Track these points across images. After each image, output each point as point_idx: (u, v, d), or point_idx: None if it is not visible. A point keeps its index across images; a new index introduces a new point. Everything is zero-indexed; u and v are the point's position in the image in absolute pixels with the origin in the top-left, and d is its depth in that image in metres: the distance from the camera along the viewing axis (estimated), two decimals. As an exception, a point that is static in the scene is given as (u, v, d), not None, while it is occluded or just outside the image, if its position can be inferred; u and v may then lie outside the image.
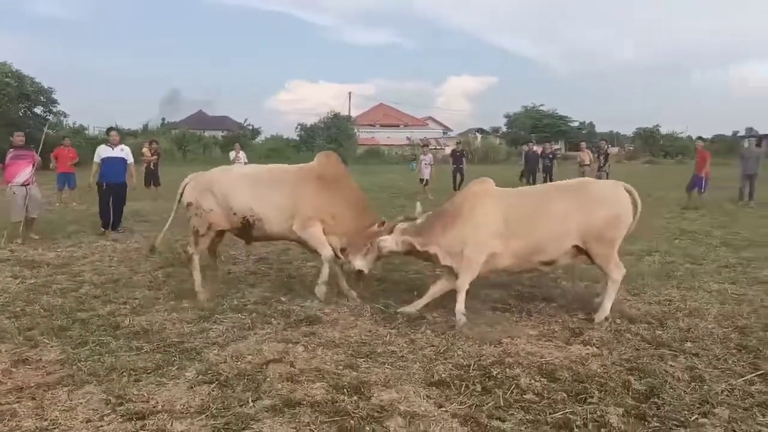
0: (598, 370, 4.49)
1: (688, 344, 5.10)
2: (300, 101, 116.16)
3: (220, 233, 7.04)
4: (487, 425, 3.69)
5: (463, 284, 5.83)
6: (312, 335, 5.34)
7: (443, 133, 73.49)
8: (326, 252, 6.47)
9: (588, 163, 19.64)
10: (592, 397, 4.02)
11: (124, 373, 4.44)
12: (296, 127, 57.70)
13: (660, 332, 5.42)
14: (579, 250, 5.85)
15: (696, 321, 5.68)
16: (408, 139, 62.36)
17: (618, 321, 5.73)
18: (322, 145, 52.18)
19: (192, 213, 6.85)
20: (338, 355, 4.87)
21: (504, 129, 71.74)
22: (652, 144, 62.12)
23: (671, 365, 4.60)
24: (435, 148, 55.16)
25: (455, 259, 5.90)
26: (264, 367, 4.60)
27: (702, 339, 5.22)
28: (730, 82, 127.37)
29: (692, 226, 12.47)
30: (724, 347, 5.01)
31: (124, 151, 11.80)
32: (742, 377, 4.35)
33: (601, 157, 18.79)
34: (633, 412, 3.81)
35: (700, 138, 27.44)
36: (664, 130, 65.08)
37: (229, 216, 6.71)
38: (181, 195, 6.95)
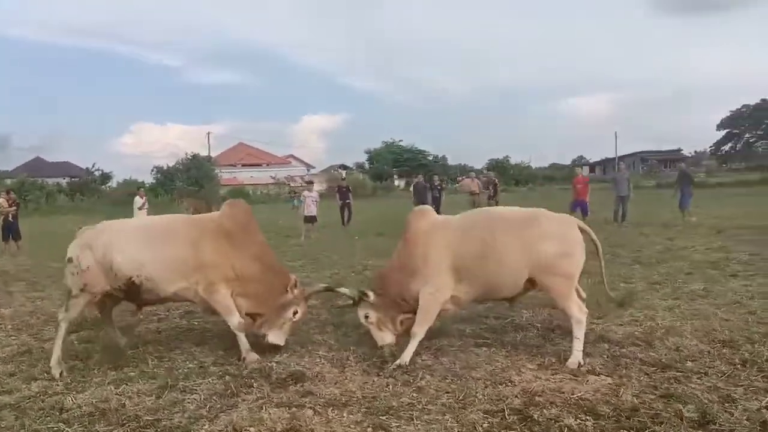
0: (635, 400, 4.32)
1: (689, 363, 5.10)
2: (147, 144, 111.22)
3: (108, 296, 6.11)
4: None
5: (420, 331, 5.58)
6: (310, 395, 4.75)
7: (307, 170, 73.27)
8: (234, 320, 5.77)
9: (477, 192, 20.21)
10: (653, 431, 3.84)
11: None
12: (152, 170, 55.04)
13: (653, 353, 5.40)
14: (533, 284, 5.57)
15: (679, 339, 5.73)
16: (273, 177, 61.41)
17: (606, 346, 5.68)
18: (183, 187, 50.16)
19: (68, 271, 5.92)
20: (354, 414, 4.34)
21: (366, 164, 72.69)
22: (504, 174, 65.76)
23: (693, 387, 4.54)
24: (301, 186, 54.77)
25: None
26: (281, 439, 3.99)
27: (699, 357, 5.24)
28: (565, 115, 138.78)
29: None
30: (726, 363, 5.05)
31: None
32: (769, 392, 4.36)
33: (491, 187, 19.43)
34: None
35: (578, 166, 29.35)
36: (513, 161, 69.27)
37: (109, 275, 5.80)
38: None
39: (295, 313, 5.87)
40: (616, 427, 3.95)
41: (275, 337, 5.81)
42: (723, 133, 73.85)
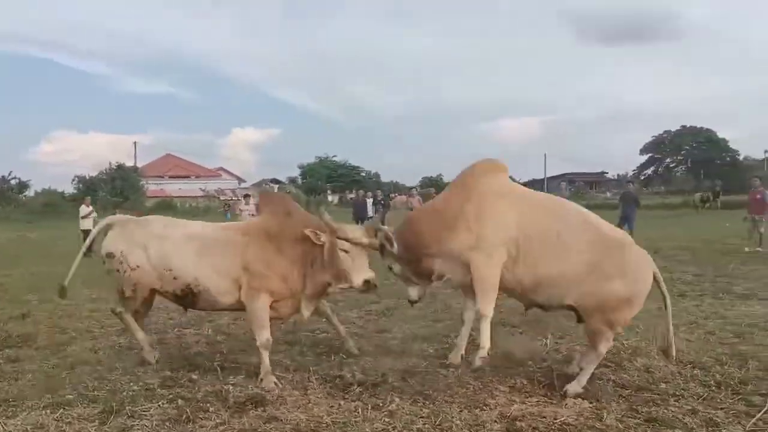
0: (620, 425, 4.18)
1: (663, 385, 5.03)
2: (68, 152, 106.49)
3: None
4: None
5: (488, 310, 5.12)
6: (275, 420, 4.39)
7: (238, 183, 71.88)
8: (263, 336, 5.35)
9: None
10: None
11: None
12: (73, 180, 52.63)
13: (625, 375, 5.31)
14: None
15: (648, 360, 5.66)
16: (202, 190, 59.90)
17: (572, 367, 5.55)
18: (106, 198, 48.28)
19: (112, 268, 5.71)
20: (327, 441, 4.02)
21: (300, 179, 71.90)
22: (438, 192, 66.33)
23: (674, 410, 4.44)
24: (232, 199, 53.59)
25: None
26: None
27: (672, 379, 5.18)
28: (494, 135, 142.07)
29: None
30: (700, 385, 5.00)
31: None
32: (750, 416, 4.30)
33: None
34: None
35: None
36: (446, 179, 70.01)
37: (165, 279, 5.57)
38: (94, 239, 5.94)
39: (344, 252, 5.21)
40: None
41: (361, 276, 5.19)
42: (646, 157, 77.09)
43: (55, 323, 8.05)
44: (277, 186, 64.32)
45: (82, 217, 19.17)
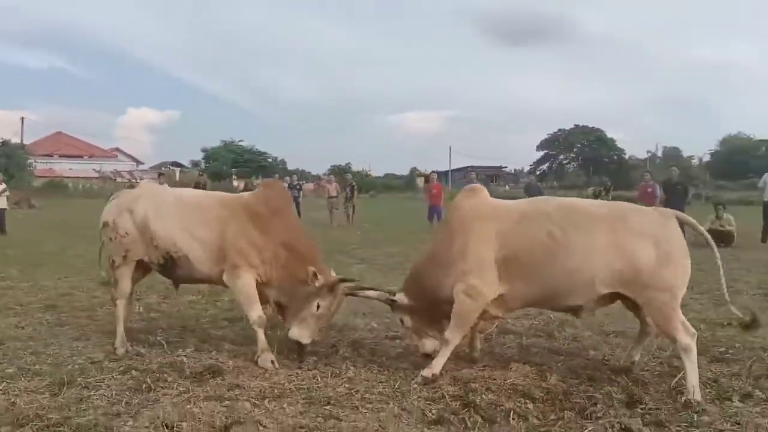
0: (563, 384, 4.49)
1: (593, 352, 5.48)
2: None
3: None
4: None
5: (453, 338, 4.80)
6: (238, 387, 4.44)
7: (136, 165, 68.93)
8: (254, 314, 5.21)
9: (335, 195, 20.20)
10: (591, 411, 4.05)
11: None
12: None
13: (557, 344, 5.74)
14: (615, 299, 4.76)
15: (574, 331, 6.10)
16: (97, 171, 57.01)
17: (512, 337, 5.93)
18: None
19: (105, 237, 5.66)
20: (294, 405, 4.12)
21: (203, 163, 69.76)
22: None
23: (608, 373, 4.84)
24: (130, 181, 51.46)
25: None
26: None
27: (599, 346, 5.66)
28: (401, 127, 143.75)
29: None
30: (623, 351, 5.45)
31: None
32: (672, 377, 4.75)
33: (348, 190, 19.51)
34: (648, 418, 3.92)
35: (434, 172, 29.89)
36: (355, 168, 70.23)
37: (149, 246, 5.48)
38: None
39: (318, 307, 5.14)
40: (555, 408, 4.12)
41: (297, 332, 5.11)
42: (541, 153, 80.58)
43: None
44: (178, 169, 62.35)
45: None
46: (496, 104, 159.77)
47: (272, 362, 5.04)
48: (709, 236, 4.76)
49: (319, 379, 4.68)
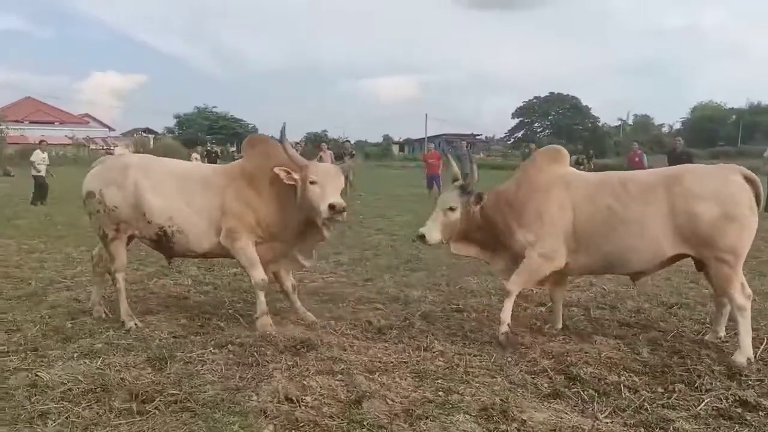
0: (655, 358, 4.66)
1: (662, 324, 5.61)
2: None
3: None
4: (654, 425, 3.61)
5: (515, 289, 5.15)
6: (339, 361, 4.49)
7: (108, 131, 67.38)
8: (257, 275, 5.33)
9: (331, 162, 20.08)
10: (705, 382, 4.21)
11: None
12: None
13: (623, 316, 5.89)
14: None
15: (634, 303, 6.27)
16: (69, 138, 55.46)
17: (576, 310, 6.06)
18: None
19: (92, 208, 5.52)
20: (406, 380, 4.19)
21: (177, 130, 68.51)
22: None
23: (689, 345, 4.98)
24: (104, 148, 50.39)
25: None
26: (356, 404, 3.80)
27: (667, 318, 5.82)
28: (372, 93, 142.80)
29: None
30: (697, 323, 5.64)
31: None
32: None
33: (347, 158, 19.37)
34: (758, 389, 4.09)
35: (431, 143, 29.84)
36: (330, 134, 69.65)
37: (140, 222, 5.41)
38: None
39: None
40: (660, 381, 4.24)
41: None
42: (516, 121, 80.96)
43: (8, 273, 7.53)
44: (152, 137, 61.15)
45: None
46: (470, 70, 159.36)
47: (270, 325, 5.24)
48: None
49: (412, 353, 4.76)
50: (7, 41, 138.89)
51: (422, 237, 5.20)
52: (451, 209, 5.20)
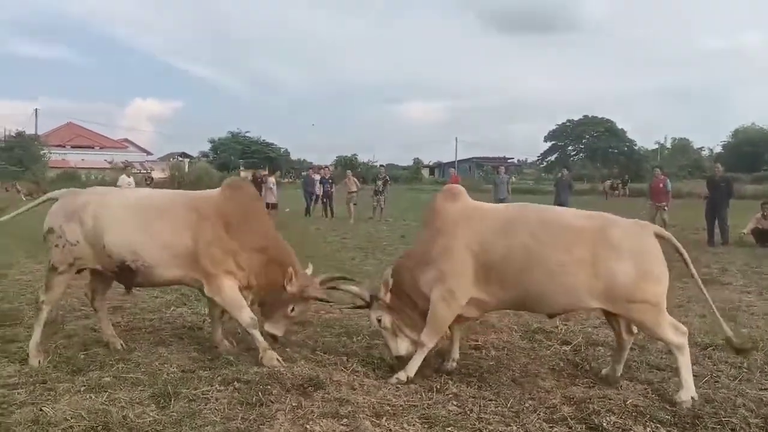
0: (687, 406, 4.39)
1: (695, 367, 5.29)
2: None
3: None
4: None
5: (428, 341, 4.95)
6: (346, 403, 4.30)
7: (146, 156, 68.81)
8: (244, 317, 5.22)
9: (355, 190, 20.03)
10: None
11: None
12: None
13: (651, 356, 5.57)
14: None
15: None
16: (109, 162, 56.76)
17: (602, 350, 5.79)
18: (5, 168, 45.29)
19: (51, 243, 5.33)
20: (414, 426, 4.01)
21: (211, 154, 69.49)
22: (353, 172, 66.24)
23: (724, 392, 4.64)
24: (141, 172, 51.38)
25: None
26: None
27: (701, 361, 5.43)
28: (401, 117, 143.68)
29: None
30: (732, 367, 5.31)
31: None
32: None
33: (379, 182, 19.34)
34: None
35: (451, 167, 29.72)
36: (360, 159, 70.23)
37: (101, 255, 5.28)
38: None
39: (292, 309, 5.37)
40: (689, 432, 3.97)
41: (272, 326, 5.39)
42: (549, 144, 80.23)
43: (27, 300, 7.54)
44: (188, 160, 62.24)
45: None
46: (500, 94, 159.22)
47: (277, 359, 5.12)
48: (683, 250, 4.68)
49: (424, 395, 4.57)
50: (53, 70, 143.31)
51: (399, 357, 5.04)
52: (380, 322, 5.09)
